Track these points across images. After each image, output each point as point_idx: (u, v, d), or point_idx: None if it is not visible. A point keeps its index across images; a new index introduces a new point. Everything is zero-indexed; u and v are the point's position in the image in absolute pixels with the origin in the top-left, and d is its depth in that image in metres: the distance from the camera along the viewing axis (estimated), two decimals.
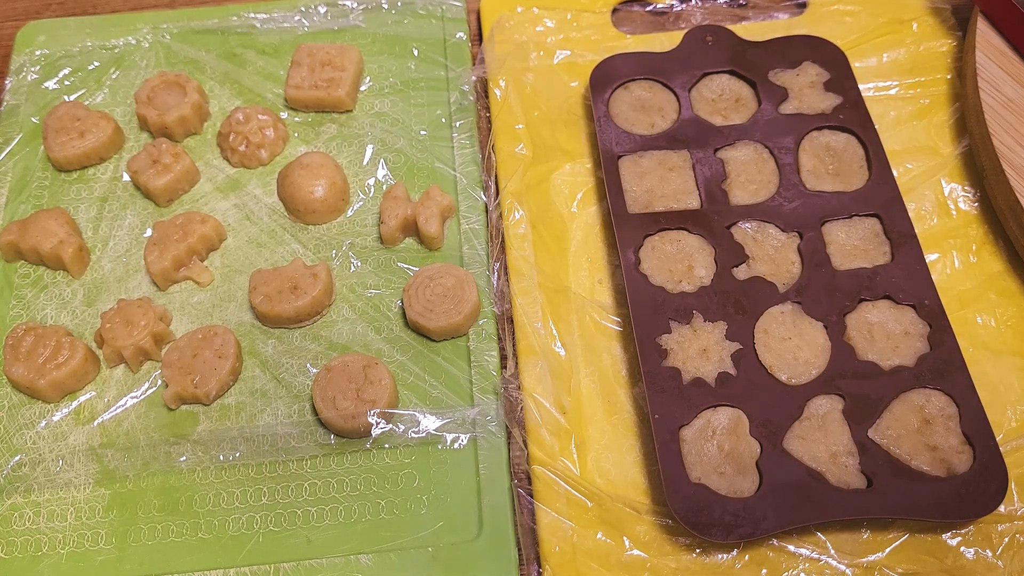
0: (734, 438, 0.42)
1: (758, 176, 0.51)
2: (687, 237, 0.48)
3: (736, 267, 0.47)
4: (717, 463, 0.42)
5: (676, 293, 0.46)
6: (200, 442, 0.46)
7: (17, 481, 0.45)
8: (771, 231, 0.49)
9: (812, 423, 0.43)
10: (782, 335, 0.45)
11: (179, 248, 0.50)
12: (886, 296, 0.46)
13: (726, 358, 0.45)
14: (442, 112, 0.57)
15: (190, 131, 0.57)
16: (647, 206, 0.50)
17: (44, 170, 0.56)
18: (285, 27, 0.61)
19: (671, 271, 0.47)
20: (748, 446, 0.42)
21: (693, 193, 0.50)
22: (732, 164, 0.51)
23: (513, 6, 0.60)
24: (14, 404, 0.47)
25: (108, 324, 0.48)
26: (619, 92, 0.54)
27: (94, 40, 0.61)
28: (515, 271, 0.50)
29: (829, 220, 0.49)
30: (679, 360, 0.44)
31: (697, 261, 0.48)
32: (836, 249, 0.48)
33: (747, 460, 0.42)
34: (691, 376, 0.44)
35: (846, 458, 0.41)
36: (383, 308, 0.50)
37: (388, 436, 0.45)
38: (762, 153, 0.51)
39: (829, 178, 0.50)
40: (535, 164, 0.54)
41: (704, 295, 0.46)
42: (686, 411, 0.43)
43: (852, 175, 0.50)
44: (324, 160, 0.53)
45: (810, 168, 0.51)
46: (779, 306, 0.46)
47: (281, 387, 0.47)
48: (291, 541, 0.43)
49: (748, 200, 0.50)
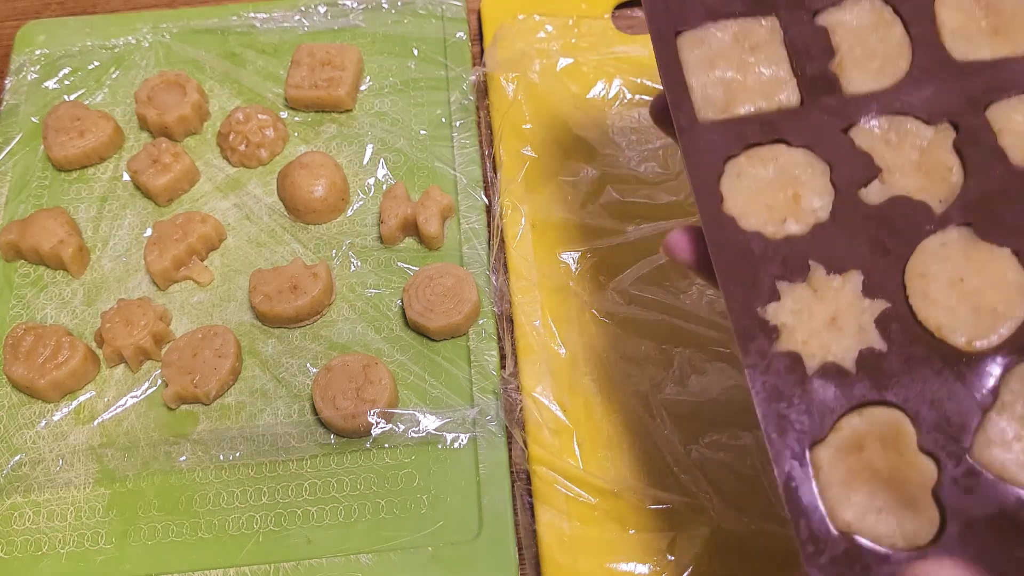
0: (894, 455, 0.28)
1: (880, 47, 0.35)
2: (786, 153, 0.34)
3: (866, 187, 0.33)
4: (871, 494, 0.28)
5: (781, 239, 0.32)
6: (200, 442, 0.46)
7: (17, 481, 0.45)
8: (910, 126, 0.33)
9: (1015, 411, 0.28)
10: (951, 276, 0.30)
11: (179, 248, 0.50)
12: None
13: (868, 326, 0.30)
14: (442, 112, 0.57)
15: (190, 131, 0.57)
16: (725, 109, 0.35)
17: (44, 170, 0.56)
18: (285, 27, 0.61)
19: (769, 206, 0.33)
20: (917, 466, 0.28)
21: (789, 82, 0.35)
22: (841, 33, 0.35)
23: (514, 13, 0.60)
24: (14, 404, 0.47)
25: (108, 324, 0.48)
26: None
27: (94, 40, 0.61)
28: (515, 271, 0.50)
29: (996, 100, 0.33)
30: (798, 339, 0.30)
31: (806, 186, 0.33)
32: (1013, 139, 0.32)
33: (917, 488, 0.28)
34: (818, 362, 0.30)
35: None
36: (383, 308, 0.50)
37: (388, 436, 0.45)
38: (883, 13, 0.35)
39: (986, 39, 0.34)
40: (539, 165, 0.54)
41: (823, 235, 0.32)
42: (818, 420, 0.29)
43: (1017, 27, 0.34)
44: (324, 160, 0.53)
45: (955, 27, 0.35)
46: (939, 234, 0.31)
47: (281, 387, 0.47)
48: (291, 541, 0.43)
49: (870, 85, 0.34)
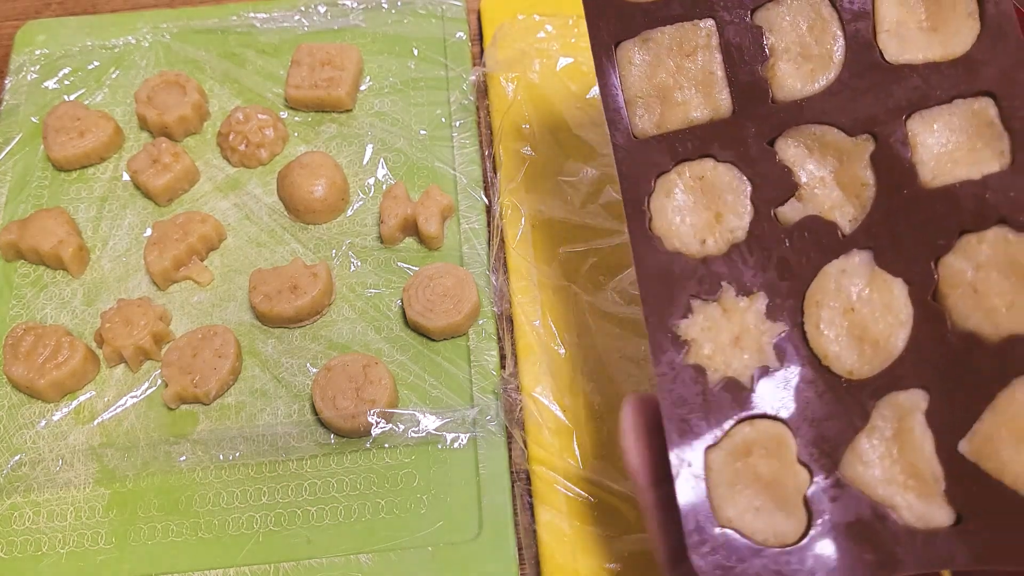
0: (775, 463, 0.31)
1: (815, 48, 0.34)
2: (712, 170, 0.34)
3: (783, 205, 0.33)
4: (752, 496, 0.30)
5: (699, 259, 0.33)
6: (200, 442, 0.46)
7: (17, 481, 0.45)
8: (832, 136, 0.33)
9: (883, 435, 0.30)
10: (844, 305, 0.32)
11: (179, 248, 0.50)
12: (1000, 221, 0.30)
13: (767, 347, 0.32)
14: (442, 112, 0.57)
15: (190, 131, 0.57)
16: (659, 124, 0.35)
17: (44, 170, 0.56)
18: (285, 27, 0.61)
19: (693, 225, 0.34)
20: (794, 475, 0.31)
21: (722, 90, 0.35)
22: (776, 32, 0.35)
23: (514, 13, 0.60)
24: (14, 404, 0.47)
25: (108, 324, 0.48)
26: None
27: (94, 39, 0.61)
28: (515, 271, 0.50)
29: (919, 109, 0.32)
30: (704, 354, 0.32)
31: (727, 205, 0.34)
32: (926, 154, 0.32)
33: (792, 493, 0.30)
34: (720, 376, 0.32)
35: (926, 484, 0.29)
36: (383, 308, 0.50)
37: (388, 436, 0.45)
38: (820, 8, 0.34)
39: (921, 37, 0.33)
40: (539, 165, 0.54)
41: (737, 256, 0.33)
42: (714, 426, 0.31)
43: (956, 29, 0.33)
44: (324, 160, 0.53)
45: (893, 23, 0.34)
46: (842, 259, 0.32)
47: (281, 387, 0.47)
48: (291, 541, 0.43)
49: (800, 89, 0.34)
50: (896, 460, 0.30)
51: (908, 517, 0.29)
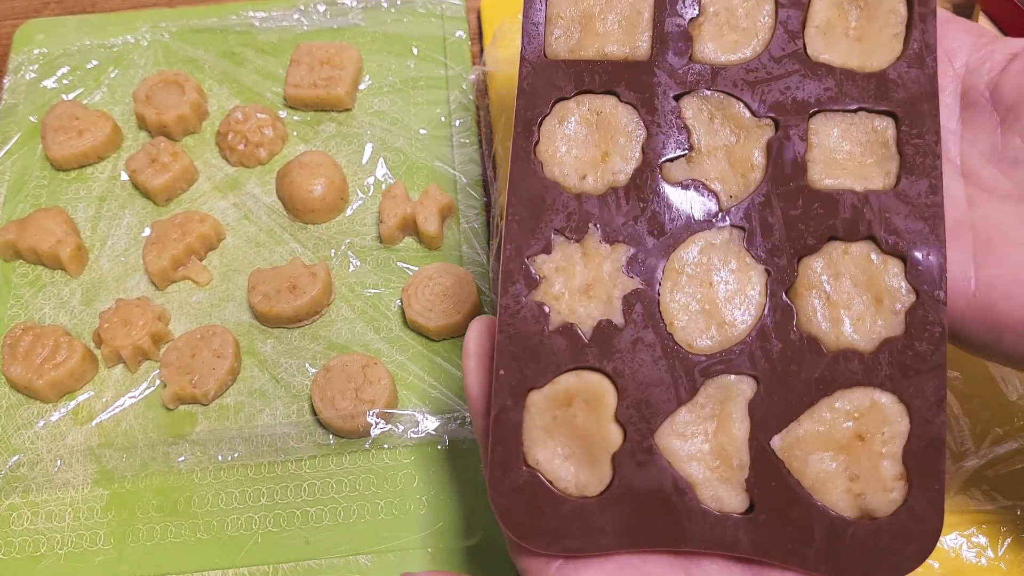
0: (592, 417, 0.31)
1: (743, 21, 0.34)
2: (612, 108, 0.34)
3: (672, 161, 0.33)
4: (564, 443, 0.31)
5: (574, 194, 0.32)
6: (198, 442, 0.46)
7: (15, 481, 0.45)
8: (736, 110, 0.33)
9: (703, 412, 0.31)
10: (702, 278, 0.32)
11: (177, 247, 0.50)
12: (869, 237, 0.31)
13: (616, 301, 0.31)
14: (442, 111, 0.57)
15: (188, 130, 0.57)
16: (573, 50, 0.34)
17: (42, 169, 0.55)
18: (284, 26, 0.61)
19: (578, 158, 0.33)
20: (607, 432, 0.31)
21: (644, 32, 0.34)
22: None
23: (514, 12, 0.60)
24: (12, 404, 0.47)
25: (106, 324, 0.48)
26: None
27: (93, 39, 0.61)
28: None
29: (825, 109, 0.33)
30: (551, 294, 0.31)
31: (617, 146, 0.33)
32: (820, 154, 0.33)
33: (601, 450, 0.30)
34: (561, 320, 0.31)
35: (729, 470, 0.30)
36: (382, 308, 0.50)
37: (387, 436, 0.45)
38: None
39: (845, 43, 0.34)
40: None
41: (612, 200, 0.32)
42: (542, 369, 0.31)
43: (879, 46, 0.33)
44: (323, 159, 0.53)
45: (823, 21, 0.34)
46: (713, 231, 0.32)
47: (280, 387, 0.47)
48: (290, 542, 0.43)
49: (720, 56, 0.34)
50: (708, 440, 0.30)
51: (705, 496, 0.30)
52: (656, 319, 0.31)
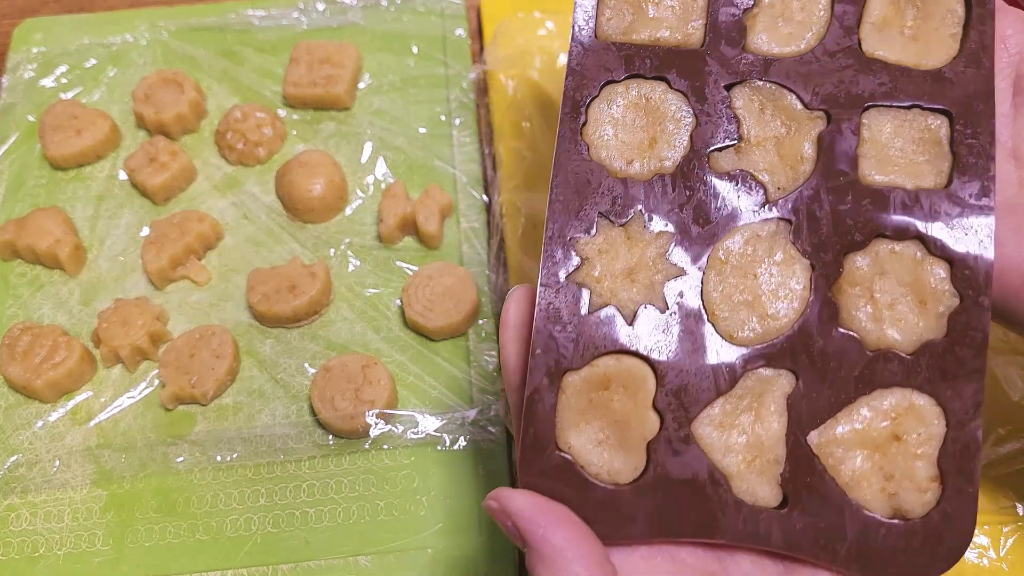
0: (629, 403, 0.30)
1: (799, 14, 0.34)
2: (662, 94, 0.33)
3: (720, 150, 0.33)
4: (599, 428, 0.30)
5: (620, 178, 0.32)
6: (197, 443, 0.45)
7: (14, 482, 0.45)
8: (788, 101, 0.33)
9: (740, 404, 0.30)
10: (747, 269, 0.31)
11: (176, 247, 0.50)
12: (917, 237, 0.31)
13: (658, 286, 0.31)
14: (441, 110, 0.57)
15: (187, 129, 0.56)
16: (625, 32, 0.34)
17: (41, 168, 0.55)
18: (283, 24, 0.61)
19: (625, 143, 0.33)
20: (643, 420, 0.30)
21: (698, 19, 0.34)
22: None
23: (514, 10, 0.60)
24: (11, 404, 0.47)
25: (105, 324, 0.47)
26: None
27: (91, 38, 0.61)
28: (515, 270, 0.50)
29: (878, 104, 0.32)
30: (593, 276, 0.31)
31: (666, 133, 0.33)
32: (872, 149, 0.32)
33: (637, 436, 0.30)
34: (602, 302, 0.31)
35: (765, 463, 0.30)
36: (382, 307, 0.50)
37: (387, 437, 0.45)
38: None
39: (901, 40, 0.33)
40: (539, 163, 0.53)
41: (659, 186, 0.32)
42: (580, 351, 0.30)
43: (935, 44, 0.33)
44: (322, 158, 0.53)
45: (879, 18, 0.34)
46: (759, 223, 0.32)
47: (279, 387, 0.47)
48: (289, 542, 0.43)
49: (772, 47, 0.34)
50: (745, 432, 0.30)
51: (739, 488, 0.30)
52: (698, 308, 0.31)
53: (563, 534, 0.27)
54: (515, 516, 0.28)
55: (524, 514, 0.28)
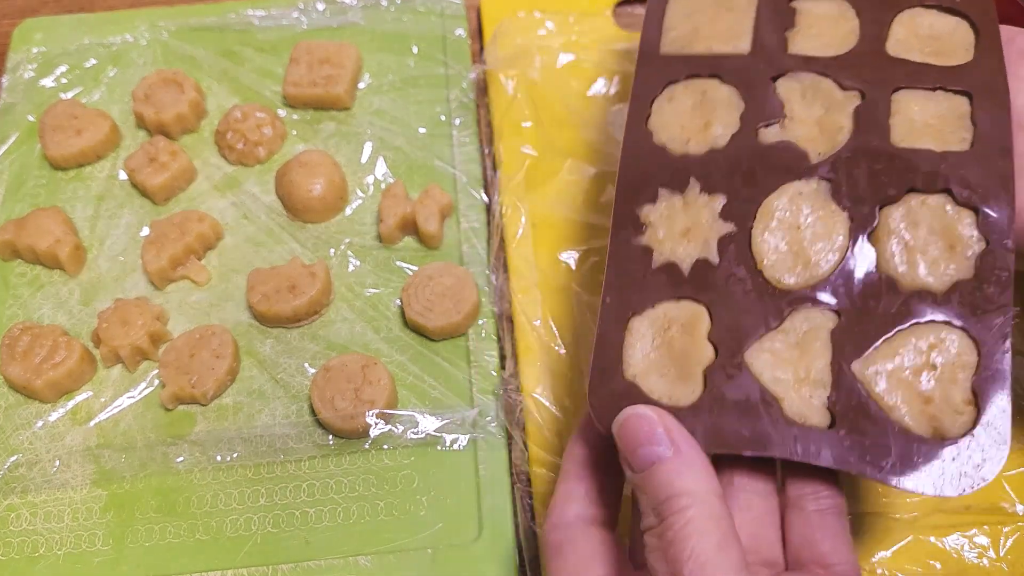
0: (687, 338, 0.34)
1: (832, 31, 0.40)
2: (716, 87, 0.39)
3: (767, 127, 0.38)
4: (662, 363, 0.34)
5: (679, 155, 0.37)
6: (198, 443, 0.45)
7: (14, 482, 0.45)
8: (826, 86, 0.38)
9: (789, 338, 0.34)
10: (791, 222, 0.35)
11: (176, 247, 0.50)
12: (945, 190, 0.35)
13: (712, 241, 0.35)
14: (441, 110, 0.57)
15: (187, 129, 0.56)
16: (684, 47, 0.41)
17: (40, 168, 0.55)
18: (283, 24, 0.61)
19: (683, 127, 0.38)
20: (700, 349, 0.34)
21: (746, 35, 0.40)
22: (805, 16, 0.41)
23: (514, 9, 0.60)
24: (10, 404, 0.47)
25: (105, 324, 0.47)
26: None
27: (91, 38, 0.60)
28: (515, 270, 0.50)
29: (905, 87, 0.38)
30: (656, 238, 0.36)
31: (718, 117, 0.38)
32: (902, 121, 0.37)
33: (694, 365, 0.33)
34: (664, 259, 0.35)
35: (813, 388, 0.33)
36: (382, 307, 0.50)
37: (387, 437, 0.45)
38: (846, 12, 0.41)
39: (921, 56, 0.39)
40: (539, 163, 0.53)
41: (711, 159, 0.37)
42: (644, 299, 0.35)
43: (955, 57, 0.39)
44: (322, 158, 0.53)
45: (900, 38, 0.39)
46: (801, 182, 0.36)
47: (279, 387, 0.47)
48: (289, 542, 0.43)
49: (811, 52, 0.39)
50: (793, 362, 0.33)
51: (790, 410, 0.32)
52: (747, 257, 0.35)
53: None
54: (666, 424, 0.31)
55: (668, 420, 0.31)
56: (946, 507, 0.42)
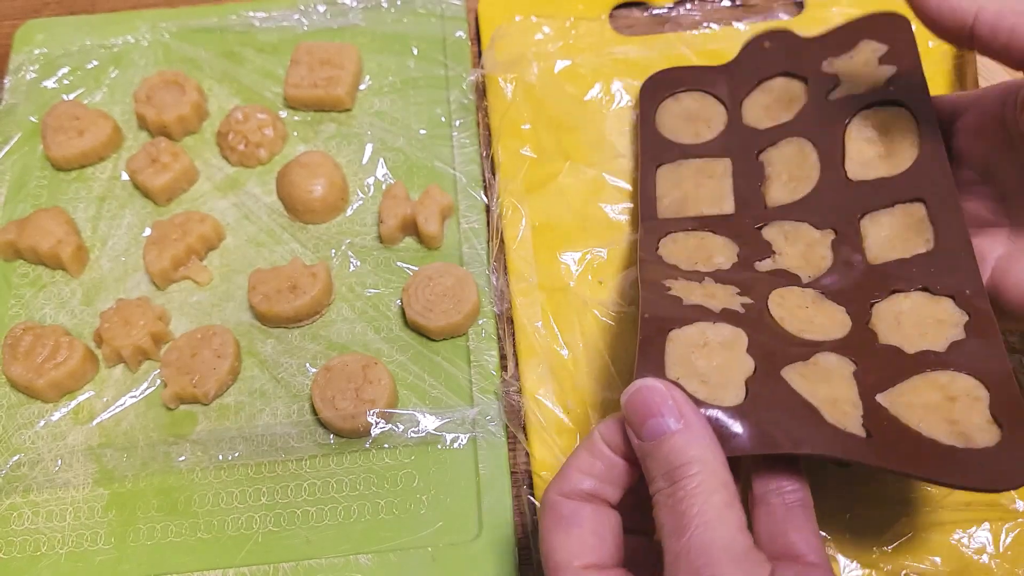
0: (728, 354, 0.36)
1: (799, 172, 0.46)
2: (711, 237, 0.45)
3: (760, 260, 0.43)
4: (704, 370, 0.35)
5: (691, 270, 0.42)
6: (199, 442, 0.46)
7: (16, 481, 0.45)
8: (803, 230, 0.44)
9: (817, 370, 0.36)
10: (798, 303, 0.40)
11: (178, 247, 0.50)
12: (923, 288, 0.39)
13: (734, 303, 0.39)
14: (442, 111, 0.57)
15: (189, 130, 0.57)
16: (677, 212, 0.47)
17: (43, 169, 0.55)
18: (284, 26, 0.61)
19: (689, 257, 0.44)
20: (741, 362, 0.36)
21: (728, 198, 0.47)
22: (773, 164, 0.47)
23: (512, 14, 0.60)
24: (13, 404, 0.47)
25: (107, 324, 0.48)
26: (668, 102, 0.52)
27: (93, 39, 0.61)
28: (515, 271, 0.50)
29: (868, 212, 0.43)
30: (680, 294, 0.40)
31: (718, 252, 0.44)
32: (873, 242, 0.42)
33: (737, 375, 0.35)
34: (693, 303, 0.39)
35: (848, 406, 0.35)
36: (382, 308, 0.50)
37: (387, 436, 0.45)
38: (804, 147, 0.46)
39: (877, 162, 0.44)
40: (538, 166, 0.54)
41: (717, 276, 0.42)
42: (681, 317, 0.37)
43: (902, 153, 0.43)
44: (323, 159, 0.53)
45: (855, 155, 0.45)
46: (800, 289, 0.41)
47: (280, 387, 0.47)
48: (290, 541, 0.43)
49: (786, 199, 0.45)
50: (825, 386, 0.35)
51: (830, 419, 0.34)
52: (768, 318, 0.38)
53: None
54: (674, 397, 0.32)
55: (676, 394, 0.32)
56: (946, 503, 0.42)
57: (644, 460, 0.31)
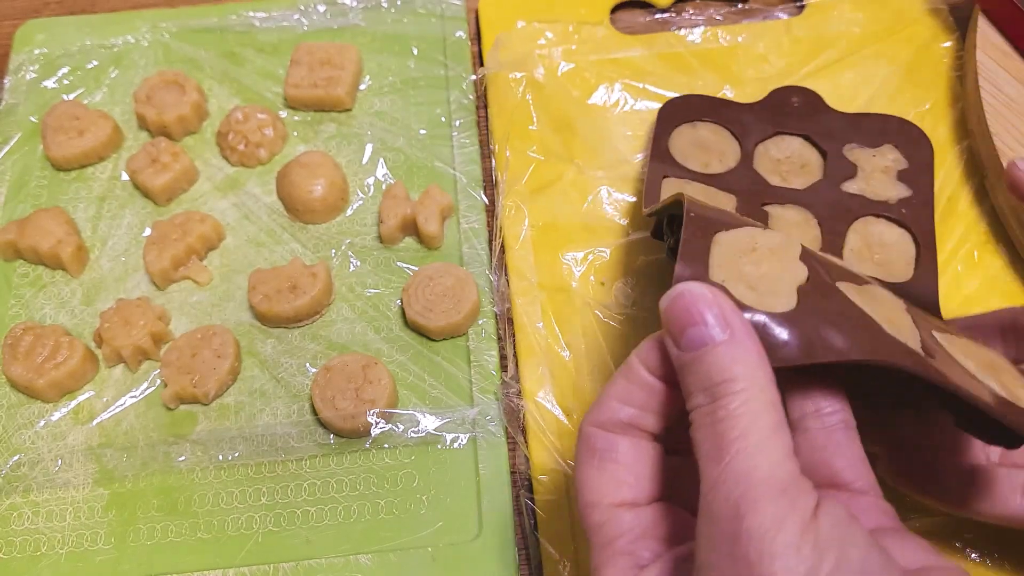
0: (778, 261, 0.32)
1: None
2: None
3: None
4: (752, 275, 0.32)
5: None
6: (199, 442, 0.46)
7: (16, 481, 0.45)
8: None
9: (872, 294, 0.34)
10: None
11: (178, 247, 0.50)
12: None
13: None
14: (442, 111, 0.57)
15: (189, 130, 0.57)
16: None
17: (43, 169, 0.55)
18: (284, 26, 0.61)
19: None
20: (793, 270, 0.32)
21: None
22: (775, 220, 0.47)
23: (514, 18, 0.60)
24: (12, 404, 0.47)
25: (107, 324, 0.48)
26: (684, 127, 0.52)
27: (93, 39, 0.61)
28: (515, 272, 0.50)
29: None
30: None
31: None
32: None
33: (787, 283, 0.31)
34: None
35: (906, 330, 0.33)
36: (382, 308, 0.50)
37: (387, 436, 0.45)
38: (810, 221, 0.47)
39: (871, 265, 0.46)
40: (543, 167, 0.54)
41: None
42: (728, 221, 0.33)
43: (897, 270, 0.46)
44: (323, 159, 0.53)
45: (854, 247, 0.47)
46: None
47: (280, 387, 0.47)
48: (290, 541, 0.43)
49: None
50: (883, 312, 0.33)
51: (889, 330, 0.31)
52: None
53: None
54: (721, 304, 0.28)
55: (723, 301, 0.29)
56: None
57: (682, 373, 0.28)
